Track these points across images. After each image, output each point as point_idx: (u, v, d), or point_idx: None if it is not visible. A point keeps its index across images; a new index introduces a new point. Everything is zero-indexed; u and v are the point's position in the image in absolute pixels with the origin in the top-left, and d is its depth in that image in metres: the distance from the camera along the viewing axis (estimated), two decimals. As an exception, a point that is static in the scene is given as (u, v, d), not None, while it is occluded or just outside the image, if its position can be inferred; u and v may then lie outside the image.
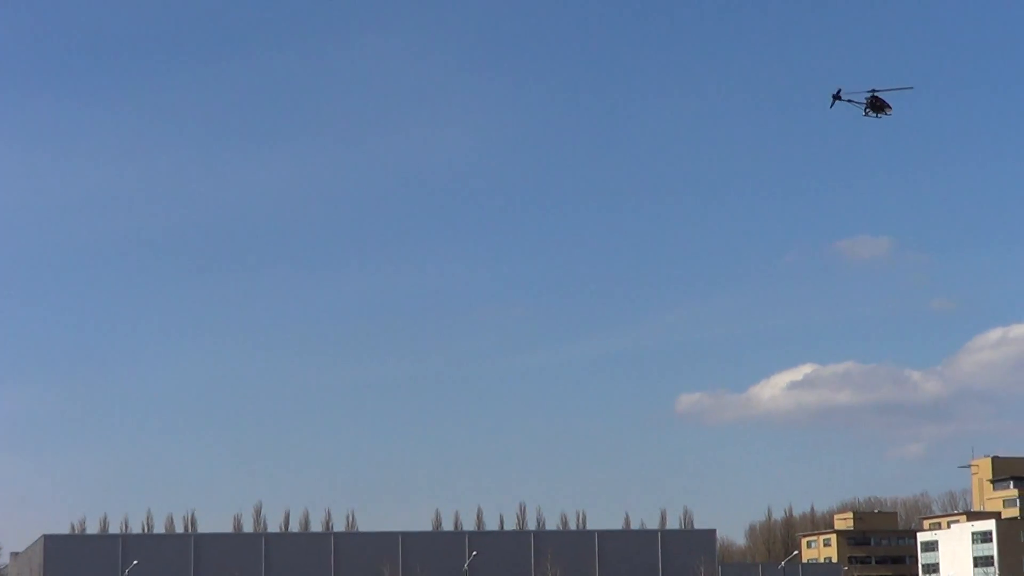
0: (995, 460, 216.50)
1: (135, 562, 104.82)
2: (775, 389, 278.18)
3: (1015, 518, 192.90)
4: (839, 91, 64.32)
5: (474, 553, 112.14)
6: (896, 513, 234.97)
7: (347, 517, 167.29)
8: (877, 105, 66.73)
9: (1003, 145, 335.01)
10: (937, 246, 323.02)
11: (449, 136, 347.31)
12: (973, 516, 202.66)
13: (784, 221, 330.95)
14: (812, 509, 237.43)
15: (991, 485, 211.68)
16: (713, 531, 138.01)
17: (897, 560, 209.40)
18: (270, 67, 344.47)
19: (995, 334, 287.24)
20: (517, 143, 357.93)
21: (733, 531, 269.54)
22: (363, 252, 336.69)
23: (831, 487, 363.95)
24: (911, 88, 69.17)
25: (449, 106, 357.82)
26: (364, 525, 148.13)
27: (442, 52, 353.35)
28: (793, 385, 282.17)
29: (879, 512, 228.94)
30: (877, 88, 65.98)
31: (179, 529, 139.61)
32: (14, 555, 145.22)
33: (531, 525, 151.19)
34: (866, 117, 65.27)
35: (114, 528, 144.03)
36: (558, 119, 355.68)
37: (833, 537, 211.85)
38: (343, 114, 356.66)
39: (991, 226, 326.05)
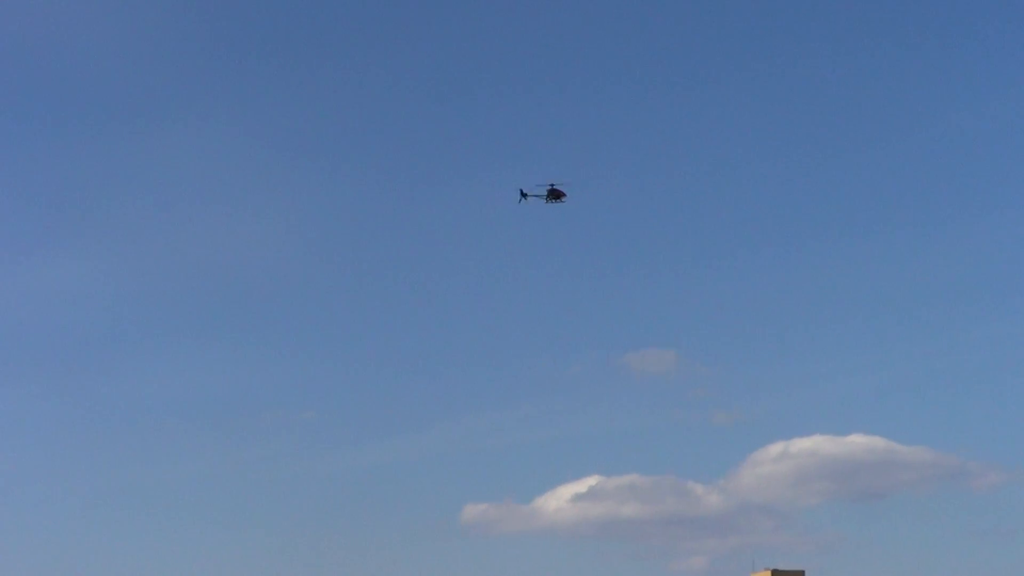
0: (775, 572, 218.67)
1: None
2: (560, 500, 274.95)
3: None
4: (522, 190, 70.58)
5: None
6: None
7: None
8: (555, 194, 73.78)
9: (786, 261, 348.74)
10: (719, 360, 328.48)
11: (242, 230, 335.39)
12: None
13: (575, 332, 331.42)
14: None
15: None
16: None
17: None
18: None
19: (776, 448, 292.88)
20: (312, 237, 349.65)
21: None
22: (147, 352, 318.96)
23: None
24: (569, 182, 74.77)
25: (246, 199, 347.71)
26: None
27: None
28: (578, 497, 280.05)
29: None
30: (553, 182, 70.15)
31: None
32: None
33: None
34: (547, 205, 70.68)
35: None
36: (359, 215, 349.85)
37: None
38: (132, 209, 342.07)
39: (771, 340, 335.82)
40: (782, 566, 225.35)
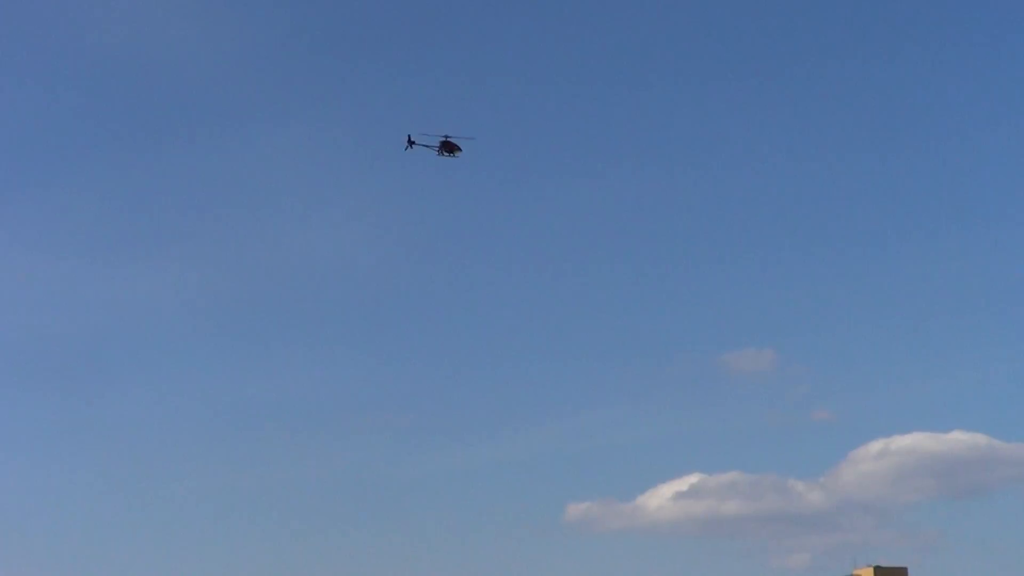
0: (877, 570, 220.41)
1: None
2: (662, 498, 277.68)
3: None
4: (409, 136, 67.74)
5: None
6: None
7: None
8: (448, 147, 71.31)
9: (884, 259, 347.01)
10: (818, 358, 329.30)
11: (342, 233, 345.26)
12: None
13: (672, 332, 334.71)
14: None
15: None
16: None
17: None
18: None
19: (877, 445, 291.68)
20: (412, 238, 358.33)
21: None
22: (250, 356, 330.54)
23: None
24: (473, 139, 73.02)
25: (346, 203, 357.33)
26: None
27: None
28: (680, 495, 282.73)
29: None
30: (449, 134, 69.00)
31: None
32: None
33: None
34: (440, 158, 68.71)
35: None
36: (459, 215, 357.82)
37: None
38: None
39: (870, 338, 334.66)
40: (884, 563, 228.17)
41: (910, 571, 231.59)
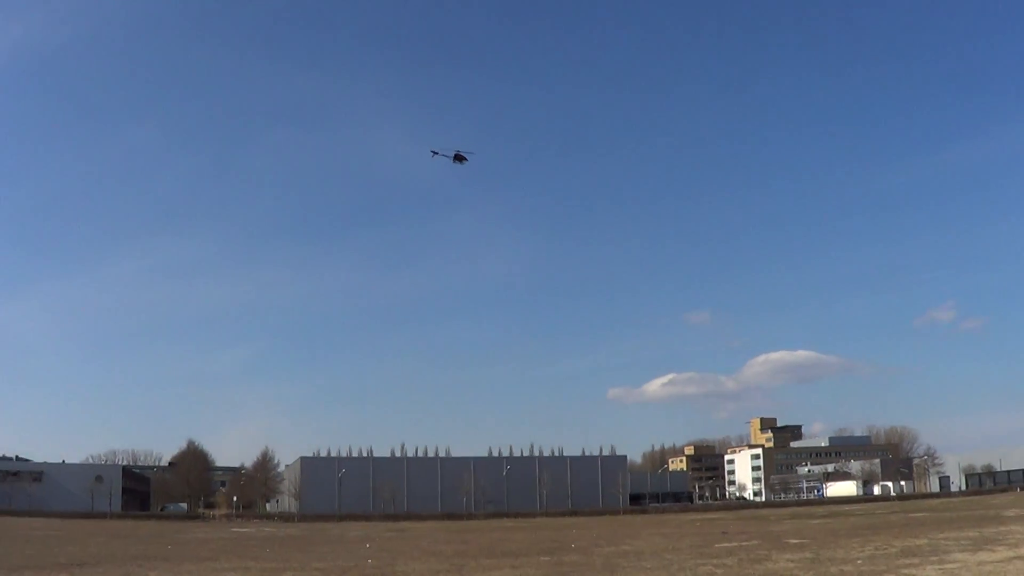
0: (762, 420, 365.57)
1: (343, 470, 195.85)
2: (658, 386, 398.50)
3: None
4: (432, 149, 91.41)
5: (508, 467, 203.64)
6: (714, 446, 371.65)
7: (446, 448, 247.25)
8: (459, 158, 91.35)
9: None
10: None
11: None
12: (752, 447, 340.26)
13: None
14: (673, 445, 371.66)
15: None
16: (624, 456, 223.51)
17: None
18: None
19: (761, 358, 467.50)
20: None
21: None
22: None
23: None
24: (474, 153, 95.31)
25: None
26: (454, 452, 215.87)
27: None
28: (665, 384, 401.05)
29: (706, 446, 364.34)
30: (459, 149, 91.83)
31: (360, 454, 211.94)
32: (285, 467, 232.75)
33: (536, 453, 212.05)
34: (455, 164, 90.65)
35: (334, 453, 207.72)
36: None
37: (685, 459, 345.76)
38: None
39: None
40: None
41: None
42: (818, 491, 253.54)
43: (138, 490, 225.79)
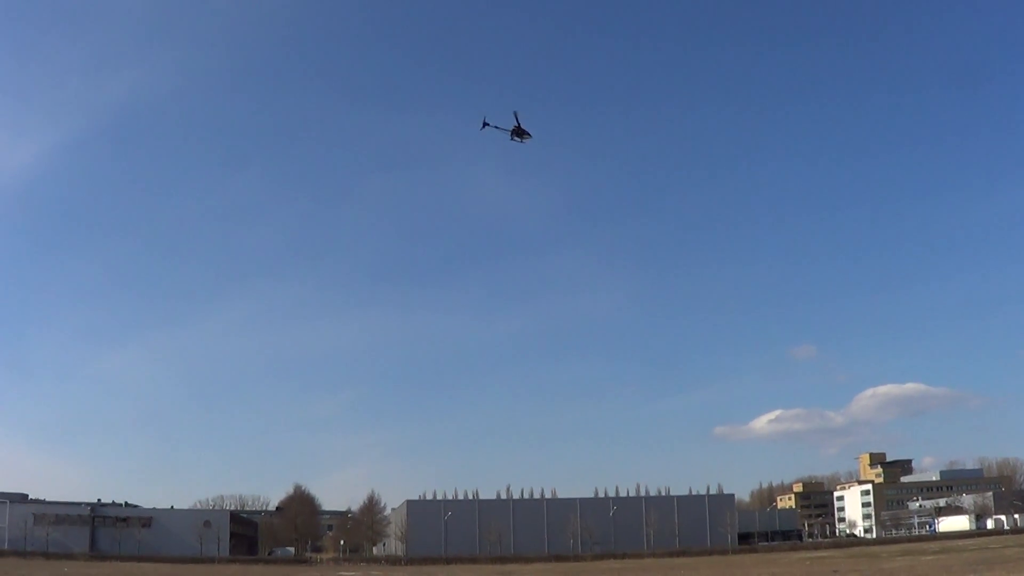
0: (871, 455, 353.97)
1: (449, 513, 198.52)
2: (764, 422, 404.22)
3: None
4: (485, 119, 74.58)
5: (615, 508, 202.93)
6: (823, 482, 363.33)
7: (551, 489, 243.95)
8: (519, 132, 76.35)
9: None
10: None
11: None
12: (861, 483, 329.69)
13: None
14: (781, 482, 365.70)
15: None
16: (732, 495, 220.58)
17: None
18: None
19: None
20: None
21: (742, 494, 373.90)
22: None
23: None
24: (530, 136, 77.98)
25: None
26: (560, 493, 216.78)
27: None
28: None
29: (815, 482, 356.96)
30: (520, 121, 74.71)
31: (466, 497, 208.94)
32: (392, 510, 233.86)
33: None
34: (512, 142, 75.41)
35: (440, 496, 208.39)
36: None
37: (794, 496, 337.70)
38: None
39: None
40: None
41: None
42: (930, 526, 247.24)
43: (246, 535, 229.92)
